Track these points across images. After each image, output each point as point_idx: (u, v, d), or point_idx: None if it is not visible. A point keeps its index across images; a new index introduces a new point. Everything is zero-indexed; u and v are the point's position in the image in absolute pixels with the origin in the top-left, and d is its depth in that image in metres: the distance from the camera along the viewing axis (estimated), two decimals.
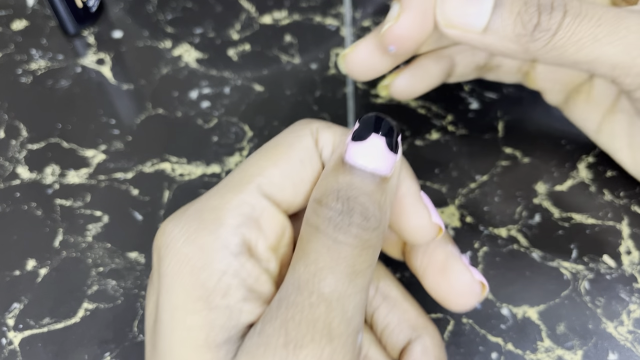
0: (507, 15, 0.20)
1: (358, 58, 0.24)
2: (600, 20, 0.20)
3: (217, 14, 0.37)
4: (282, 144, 0.19)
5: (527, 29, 0.20)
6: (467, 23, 0.20)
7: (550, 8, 0.20)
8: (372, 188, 0.18)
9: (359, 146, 0.18)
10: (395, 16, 0.21)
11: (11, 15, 0.38)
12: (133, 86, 0.34)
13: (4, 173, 0.31)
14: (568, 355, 0.24)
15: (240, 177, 0.18)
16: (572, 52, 0.20)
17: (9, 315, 0.26)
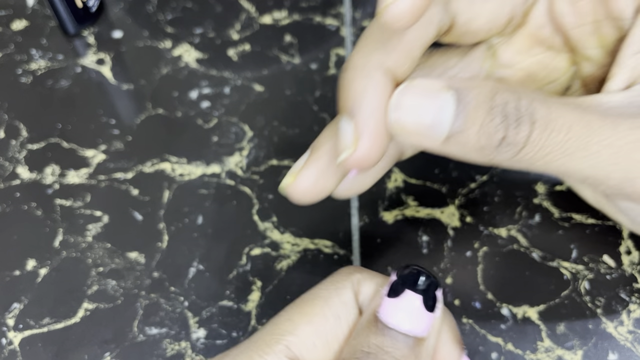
0: (469, 125, 0.17)
1: (303, 186, 0.20)
2: (570, 133, 0.17)
3: (217, 14, 0.37)
4: (320, 297, 0.19)
5: (492, 142, 0.17)
6: (424, 133, 0.17)
7: (516, 119, 0.17)
8: (404, 352, 0.17)
9: (393, 303, 0.17)
10: (351, 142, 0.18)
11: (11, 15, 0.38)
12: (133, 86, 0.34)
13: (4, 173, 0.31)
14: (568, 355, 0.24)
15: (271, 335, 0.18)
16: (540, 165, 0.18)
17: (9, 315, 0.26)
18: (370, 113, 0.18)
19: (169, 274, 0.27)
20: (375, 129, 0.18)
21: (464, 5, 0.19)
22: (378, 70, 0.18)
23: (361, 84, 0.18)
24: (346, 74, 0.19)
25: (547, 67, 0.22)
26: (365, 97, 0.18)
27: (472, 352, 0.24)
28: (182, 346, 0.25)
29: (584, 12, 0.20)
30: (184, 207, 0.29)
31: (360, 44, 0.19)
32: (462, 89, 0.17)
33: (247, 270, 0.27)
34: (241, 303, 0.26)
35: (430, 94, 0.17)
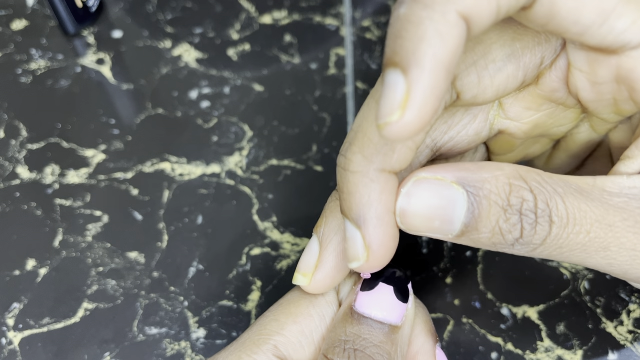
0: (483, 225, 0.16)
1: (318, 286, 0.19)
2: (590, 235, 0.16)
3: (217, 14, 0.37)
4: (304, 297, 0.19)
5: (507, 241, 0.16)
6: (435, 233, 0.17)
7: (534, 218, 0.16)
8: (381, 339, 0.17)
9: (367, 295, 0.18)
10: (362, 253, 0.17)
11: (11, 15, 0.38)
12: (133, 86, 0.34)
13: (4, 173, 0.31)
14: (568, 355, 0.24)
15: (259, 335, 0.18)
16: (557, 258, 0.17)
17: (9, 315, 0.26)
18: (378, 222, 0.17)
19: (169, 274, 0.27)
20: (384, 237, 0.17)
21: (471, 83, 0.18)
22: (381, 174, 0.17)
23: (365, 191, 0.17)
24: (347, 177, 0.17)
25: (556, 118, 0.20)
26: (371, 206, 0.17)
27: (472, 352, 0.24)
28: (182, 346, 0.25)
29: (604, 92, 0.18)
30: (184, 207, 0.29)
31: (357, 140, 0.17)
32: (474, 184, 0.16)
33: (247, 270, 0.27)
34: (241, 303, 0.26)
35: (439, 191, 0.16)
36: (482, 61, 0.18)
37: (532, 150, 0.22)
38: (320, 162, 0.30)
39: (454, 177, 0.16)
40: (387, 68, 0.14)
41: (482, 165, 0.16)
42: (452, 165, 0.16)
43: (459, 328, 0.25)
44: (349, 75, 0.34)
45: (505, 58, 0.18)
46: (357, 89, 0.33)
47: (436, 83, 0.14)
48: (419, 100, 0.13)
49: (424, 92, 0.13)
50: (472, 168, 0.16)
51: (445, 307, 0.26)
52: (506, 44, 0.18)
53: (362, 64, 0.35)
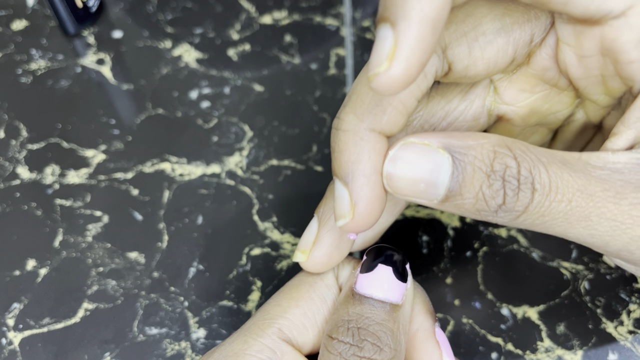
0: (466, 190, 0.16)
1: (317, 261, 0.20)
2: (572, 203, 0.17)
3: (217, 14, 0.37)
4: (305, 282, 0.20)
5: (490, 207, 0.16)
6: (420, 194, 0.17)
7: (516, 186, 0.16)
8: (383, 317, 0.18)
9: (367, 277, 0.18)
10: (348, 209, 0.17)
11: (11, 15, 0.38)
12: (133, 86, 0.34)
13: (4, 173, 0.31)
14: (568, 355, 0.24)
15: (262, 320, 0.19)
16: (539, 228, 0.17)
17: (9, 315, 0.26)
18: (365, 180, 0.17)
19: (169, 274, 0.27)
20: (370, 195, 0.17)
21: (461, 53, 0.18)
22: (371, 133, 0.17)
23: (354, 149, 0.17)
24: (338, 136, 0.18)
25: (550, 102, 0.21)
26: (359, 164, 0.17)
27: (472, 352, 0.24)
28: (182, 346, 0.25)
29: (591, 67, 0.19)
30: (184, 207, 0.29)
31: (351, 101, 0.18)
32: (459, 149, 0.16)
33: (247, 270, 0.27)
34: (241, 303, 0.26)
35: (425, 154, 0.16)
36: (472, 33, 0.18)
37: (531, 140, 0.23)
38: (320, 162, 0.30)
39: (440, 143, 0.16)
40: (379, 23, 0.15)
41: (469, 134, 0.17)
42: (439, 133, 0.17)
43: (459, 328, 0.25)
44: (349, 75, 0.34)
45: (495, 31, 0.18)
46: None
47: (422, 36, 0.14)
48: (406, 52, 0.14)
49: (410, 44, 0.14)
50: (459, 136, 0.17)
51: (445, 307, 0.26)
52: (496, 17, 0.18)
53: (362, 64, 0.35)
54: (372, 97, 0.17)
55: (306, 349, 0.19)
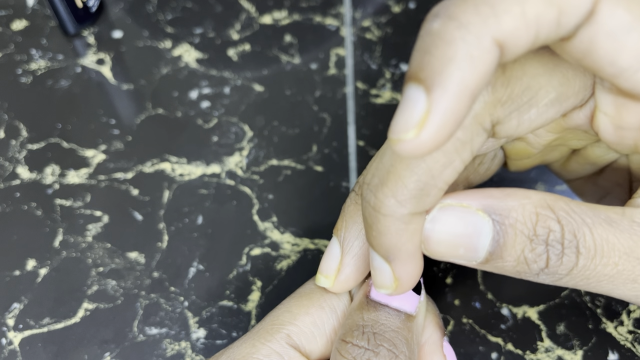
0: (508, 253, 0.16)
1: (340, 287, 0.20)
2: (618, 267, 0.16)
3: (217, 14, 0.37)
4: (316, 290, 0.20)
5: (532, 270, 0.16)
6: (460, 259, 0.17)
7: (560, 249, 0.16)
8: (398, 324, 0.18)
9: None
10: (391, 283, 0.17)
11: (11, 15, 0.38)
12: (133, 86, 0.34)
13: (4, 173, 0.31)
14: (568, 355, 0.24)
15: (272, 325, 0.19)
16: (583, 288, 0.17)
17: (9, 315, 0.26)
18: (408, 258, 0.17)
19: (169, 274, 0.27)
20: (413, 270, 0.17)
21: (510, 129, 0.17)
22: (414, 217, 0.16)
23: (397, 234, 0.16)
24: (377, 217, 0.17)
25: (576, 135, 0.20)
26: (402, 246, 0.17)
27: (472, 352, 0.24)
28: (182, 346, 0.25)
29: (628, 137, 0.18)
30: (184, 207, 0.29)
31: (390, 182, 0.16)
32: (500, 212, 0.16)
33: (247, 270, 0.27)
34: (241, 303, 0.26)
35: (465, 218, 0.16)
36: (526, 106, 0.17)
37: (549, 156, 0.22)
38: (320, 162, 0.30)
39: (480, 205, 0.16)
40: (410, 82, 0.13)
41: (509, 192, 0.16)
42: (478, 192, 0.16)
43: (459, 328, 0.25)
44: (349, 75, 0.34)
45: (549, 103, 0.17)
46: (357, 89, 0.33)
47: (458, 107, 0.13)
48: (438, 122, 0.13)
49: (444, 115, 0.13)
50: (498, 195, 0.16)
51: (445, 307, 0.26)
52: (554, 88, 0.17)
53: (362, 64, 0.35)
54: (416, 182, 0.16)
55: (313, 357, 0.19)
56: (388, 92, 0.33)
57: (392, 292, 0.17)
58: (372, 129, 0.32)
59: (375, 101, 0.33)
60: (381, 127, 0.32)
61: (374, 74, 0.34)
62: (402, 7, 0.37)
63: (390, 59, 0.35)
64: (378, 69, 0.34)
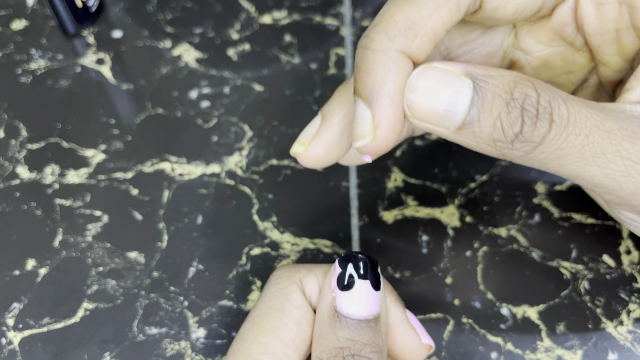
0: (485, 117, 0.16)
1: (314, 155, 0.20)
2: (589, 138, 0.17)
3: (217, 14, 0.37)
4: (274, 309, 0.19)
5: (507, 136, 0.16)
6: (438, 119, 0.17)
7: (535, 115, 0.16)
8: (370, 336, 0.18)
9: (348, 295, 0.18)
10: (370, 131, 0.18)
11: (11, 15, 0.38)
12: (133, 86, 0.34)
13: (4, 173, 0.31)
14: (568, 355, 0.24)
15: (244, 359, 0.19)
16: (554, 166, 0.17)
17: (9, 315, 0.26)
18: (390, 102, 0.17)
19: (169, 274, 0.27)
20: (393, 117, 0.18)
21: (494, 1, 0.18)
22: (401, 55, 0.17)
23: (382, 70, 0.17)
24: (367, 55, 0.18)
25: (565, 60, 0.21)
26: (385, 85, 0.17)
27: (472, 352, 0.24)
28: (182, 346, 0.25)
29: (607, 19, 0.19)
30: (184, 207, 0.29)
31: (383, 21, 0.18)
32: (481, 77, 0.17)
33: (247, 270, 0.27)
34: (241, 303, 0.26)
35: (447, 79, 0.17)
36: None
37: (559, 80, 0.23)
38: None
39: (463, 70, 0.17)
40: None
41: (491, 68, 0.17)
42: (462, 63, 0.17)
43: (459, 328, 0.25)
44: (349, 75, 0.34)
45: None
46: None
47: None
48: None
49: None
50: (481, 67, 0.17)
51: (445, 307, 0.26)
52: None
53: None
54: (405, 19, 0.17)
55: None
56: None
57: (369, 143, 0.18)
58: None
59: None
60: None
61: None
62: None
63: None
64: None
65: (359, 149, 0.18)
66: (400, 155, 0.30)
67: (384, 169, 0.30)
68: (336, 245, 0.28)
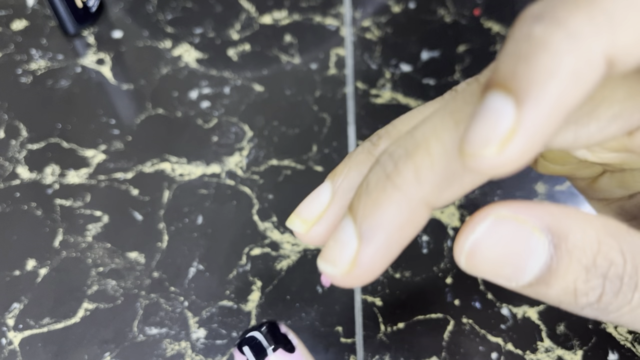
0: (556, 281, 0.14)
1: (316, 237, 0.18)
2: None
3: (217, 14, 0.37)
4: None
5: (578, 303, 0.14)
6: (499, 277, 0.14)
7: (619, 285, 0.14)
8: None
9: None
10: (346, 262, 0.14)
11: (11, 15, 0.38)
12: (133, 86, 0.34)
13: (4, 173, 0.31)
14: (568, 355, 0.24)
15: None
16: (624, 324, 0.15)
17: (9, 315, 0.26)
18: (385, 247, 0.15)
19: (169, 274, 0.27)
20: (379, 264, 0.14)
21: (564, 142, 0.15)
22: (422, 205, 0.15)
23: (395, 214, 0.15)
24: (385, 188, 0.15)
25: (625, 161, 0.18)
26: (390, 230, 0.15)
27: (472, 352, 0.24)
28: (182, 346, 0.25)
29: None
30: (184, 207, 0.29)
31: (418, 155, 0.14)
32: (557, 234, 0.14)
33: (247, 270, 0.27)
34: (241, 303, 0.26)
35: (519, 235, 0.14)
36: (585, 119, 0.15)
37: (584, 172, 0.20)
38: (320, 162, 0.31)
39: (537, 221, 0.14)
40: (495, 89, 0.12)
41: (569, 212, 0.14)
42: (535, 206, 0.14)
43: (459, 328, 0.25)
44: (349, 75, 0.34)
45: (611, 117, 0.15)
46: (357, 89, 0.33)
47: (549, 127, 0.11)
48: (526, 141, 0.11)
49: (534, 133, 0.11)
50: (557, 213, 0.14)
51: (445, 307, 0.26)
52: (617, 101, 0.15)
53: (362, 64, 0.35)
54: (445, 167, 0.14)
55: None
56: (388, 92, 0.33)
57: (339, 275, 0.15)
58: (372, 128, 0.32)
59: (375, 101, 0.33)
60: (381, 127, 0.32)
61: (374, 74, 0.34)
62: (402, 7, 0.37)
63: (390, 59, 0.35)
64: (378, 69, 0.34)
65: (323, 271, 0.15)
66: None
67: None
68: None
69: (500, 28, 0.36)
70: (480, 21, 0.37)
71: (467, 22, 0.37)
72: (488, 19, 0.37)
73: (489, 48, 0.35)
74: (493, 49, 0.35)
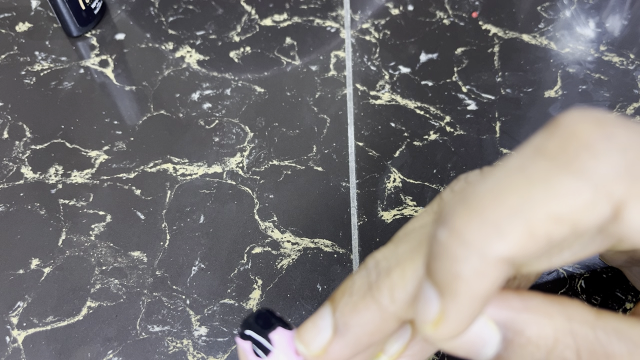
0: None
1: None
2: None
3: (219, 16, 0.38)
4: None
5: None
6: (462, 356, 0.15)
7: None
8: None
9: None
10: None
11: (15, 17, 0.38)
12: (135, 87, 0.34)
13: (8, 173, 0.31)
14: None
15: None
16: None
17: (13, 314, 0.26)
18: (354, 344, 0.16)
19: (171, 273, 0.27)
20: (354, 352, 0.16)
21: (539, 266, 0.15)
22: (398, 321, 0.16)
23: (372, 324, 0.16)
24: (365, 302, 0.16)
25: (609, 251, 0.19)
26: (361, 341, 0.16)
27: None
28: (184, 344, 0.25)
29: None
30: (186, 207, 0.29)
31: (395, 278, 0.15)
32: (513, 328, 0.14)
33: (248, 268, 0.27)
34: (242, 301, 0.26)
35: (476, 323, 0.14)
36: (555, 250, 0.15)
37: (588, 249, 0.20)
38: (320, 162, 0.31)
39: (495, 314, 0.14)
40: (427, 278, 0.14)
41: (530, 304, 0.14)
42: (498, 298, 0.15)
43: None
44: (349, 76, 0.34)
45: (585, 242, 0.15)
46: (356, 90, 0.34)
47: (469, 312, 0.13)
48: (452, 322, 0.13)
49: (455, 320, 0.13)
50: (517, 306, 0.14)
51: None
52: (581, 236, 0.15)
53: (361, 65, 0.35)
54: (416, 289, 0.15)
55: None
56: (387, 93, 0.34)
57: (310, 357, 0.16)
58: (371, 129, 0.32)
59: (374, 102, 0.33)
60: (380, 128, 0.32)
61: (373, 76, 0.34)
62: (401, 10, 0.38)
63: (389, 61, 0.35)
64: (377, 71, 0.34)
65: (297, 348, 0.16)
66: (399, 156, 0.30)
67: (383, 169, 0.30)
68: (336, 244, 0.28)
69: (498, 30, 0.37)
70: (479, 23, 0.37)
71: (466, 24, 0.37)
72: (486, 22, 0.37)
73: (487, 50, 0.35)
74: (491, 51, 0.35)
